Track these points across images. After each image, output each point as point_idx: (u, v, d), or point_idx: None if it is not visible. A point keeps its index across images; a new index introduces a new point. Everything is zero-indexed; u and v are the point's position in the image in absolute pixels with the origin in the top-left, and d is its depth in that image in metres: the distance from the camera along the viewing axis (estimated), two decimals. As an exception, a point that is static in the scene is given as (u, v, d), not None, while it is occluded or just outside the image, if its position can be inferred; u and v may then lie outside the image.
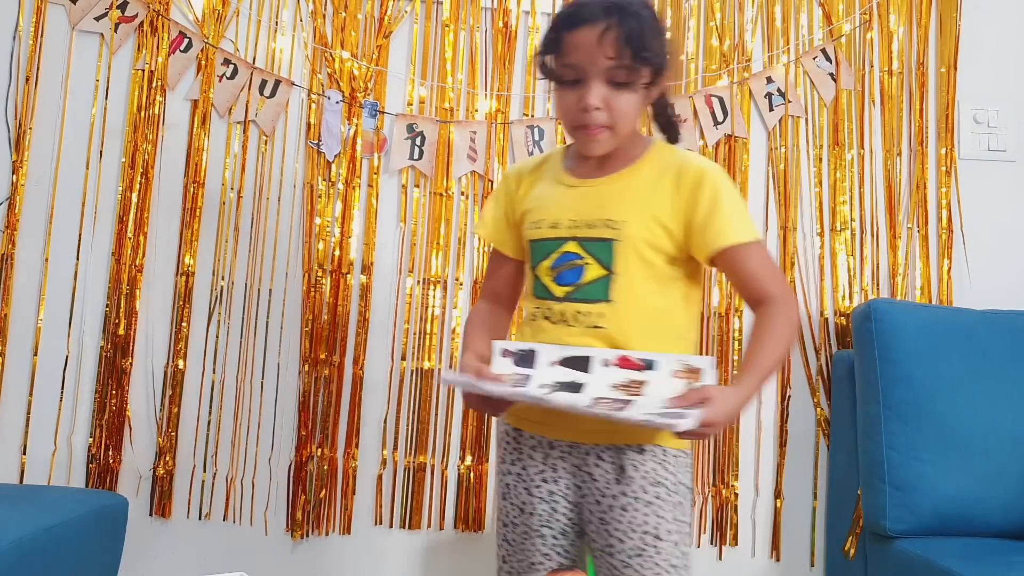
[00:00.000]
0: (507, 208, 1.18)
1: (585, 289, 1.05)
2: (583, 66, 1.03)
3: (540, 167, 1.18)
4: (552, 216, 1.09)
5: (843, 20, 1.85)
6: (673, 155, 1.11)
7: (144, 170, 1.72)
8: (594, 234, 1.06)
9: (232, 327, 1.72)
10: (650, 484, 1.03)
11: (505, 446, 1.13)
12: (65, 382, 1.68)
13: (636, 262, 1.05)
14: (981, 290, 1.80)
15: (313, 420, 1.71)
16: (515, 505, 1.10)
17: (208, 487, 1.69)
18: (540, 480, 1.08)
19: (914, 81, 1.85)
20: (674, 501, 1.04)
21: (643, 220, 1.05)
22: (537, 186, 1.15)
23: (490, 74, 1.80)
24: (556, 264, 1.07)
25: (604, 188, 1.08)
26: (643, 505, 1.02)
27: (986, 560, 1.36)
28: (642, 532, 1.02)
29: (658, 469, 1.04)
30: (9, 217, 1.69)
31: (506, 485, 1.12)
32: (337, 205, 1.75)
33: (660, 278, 1.06)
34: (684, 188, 1.05)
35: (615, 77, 1.02)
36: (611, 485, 1.04)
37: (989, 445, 1.53)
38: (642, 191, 1.07)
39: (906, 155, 1.84)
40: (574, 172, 1.12)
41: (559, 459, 1.08)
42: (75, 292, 1.70)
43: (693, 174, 1.06)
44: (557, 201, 1.11)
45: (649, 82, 1.06)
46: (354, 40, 1.78)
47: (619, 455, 1.04)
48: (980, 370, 1.57)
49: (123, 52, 1.74)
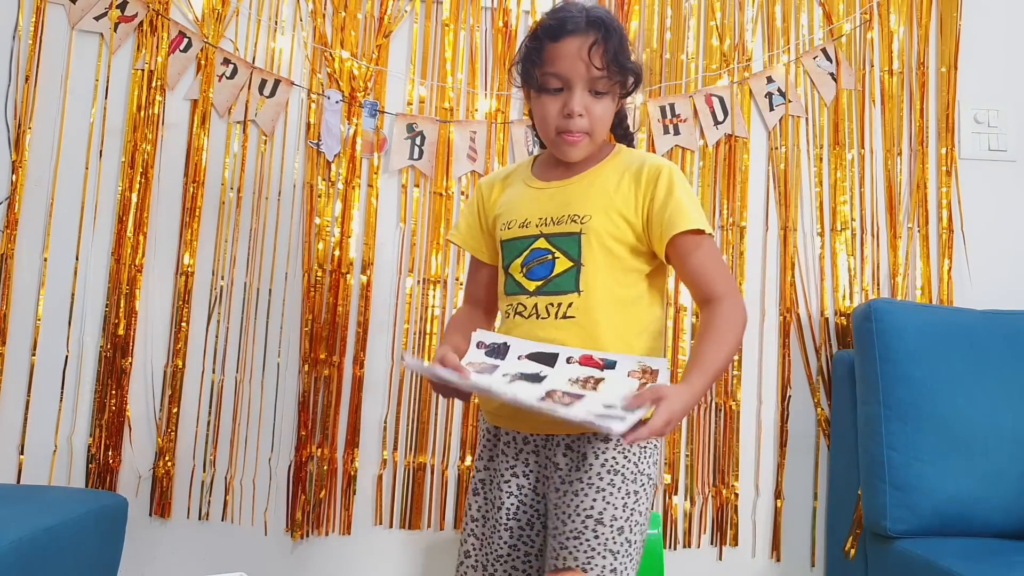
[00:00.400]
0: (480, 215, 1.24)
1: (555, 281, 1.10)
2: (567, 75, 1.09)
3: (509, 176, 1.25)
4: (521, 216, 1.15)
5: (843, 20, 1.85)
6: (632, 155, 1.18)
7: (144, 170, 1.72)
8: (561, 229, 1.11)
9: (232, 327, 1.72)
10: (607, 471, 1.06)
11: (482, 447, 1.18)
12: (65, 382, 1.68)
13: (601, 254, 1.10)
14: (981, 290, 1.80)
15: (313, 420, 1.71)
16: (486, 500, 1.15)
17: (208, 487, 1.69)
18: (510, 475, 1.13)
19: (914, 81, 1.85)
20: (629, 489, 1.06)
21: (606, 213, 1.10)
22: (507, 192, 1.22)
23: (490, 74, 1.80)
24: (527, 261, 1.12)
25: (570, 188, 1.15)
26: (594, 491, 1.05)
27: (986, 560, 1.36)
28: (584, 516, 1.04)
29: (618, 458, 1.07)
30: (9, 217, 1.69)
31: (479, 482, 1.17)
32: (337, 205, 1.75)
33: (625, 269, 1.11)
34: (643, 182, 1.11)
35: (597, 87, 1.09)
36: (571, 472, 1.07)
37: (989, 445, 1.53)
38: (605, 188, 1.13)
39: (906, 155, 1.84)
40: (542, 176, 1.19)
41: (530, 454, 1.12)
42: (75, 292, 1.70)
43: (651, 169, 1.12)
44: (526, 203, 1.17)
45: (623, 93, 1.13)
46: (354, 40, 1.77)
47: (584, 444, 1.08)
48: (980, 370, 1.57)
49: (123, 52, 1.74)
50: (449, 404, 1.74)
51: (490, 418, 1.18)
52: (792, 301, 1.80)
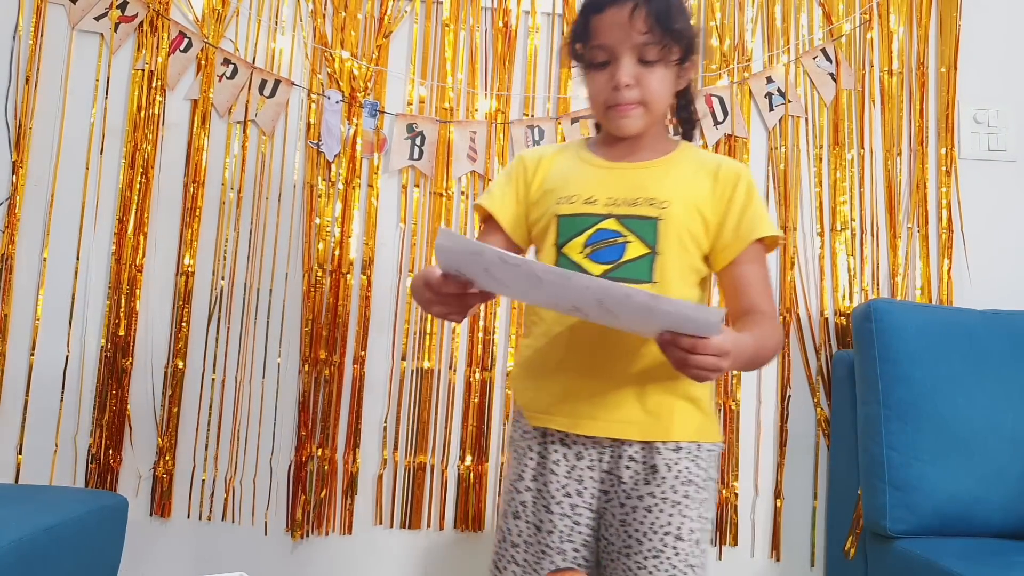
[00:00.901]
0: (519, 185, 1.13)
1: (627, 267, 1.01)
2: (613, 45, 1.02)
3: (560, 152, 1.15)
4: (586, 192, 1.05)
5: (843, 20, 1.85)
6: (705, 154, 1.12)
7: (144, 170, 1.72)
8: (636, 212, 1.03)
9: (232, 327, 1.72)
10: (681, 483, 1.01)
11: (524, 462, 1.07)
12: (65, 382, 1.68)
13: (677, 245, 1.02)
14: (981, 290, 1.80)
15: (313, 420, 1.71)
16: (530, 524, 1.04)
17: (208, 487, 1.69)
18: (562, 495, 1.04)
19: (914, 81, 1.85)
20: (701, 498, 1.02)
21: (685, 204, 1.03)
22: (559, 165, 1.12)
23: (490, 74, 1.80)
24: (592, 241, 1.03)
25: (642, 171, 1.07)
26: (669, 506, 1.00)
27: (986, 560, 1.36)
28: (663, 533, 0.99)
29: (691, 467, 1.02)
30: (9, 217, 1.69)
31: (521, 503, 1.05)
32: (337, 205, 1.75)
33: (692, 268, 1.05)
34: (720, 180, 1.05)
35: (645, 54, 1.02)
36: (639, 486, 1.01)
37: (989, 445, 1.53)
38: (684, 178, 1.06)
39: (906, 155, 1.84)
40: (604, 157, 1.10)
41: (586, 469, 1.03)
42: (75, 292, 1.70)
43: (729, 170, 1.07)
44: (589, 179, 1.07)
45: (679, 60, 1.05)
46: (354, 40, 1.77)
47: (652, 454, 1.01)
48: (980, 370, 1.57)
49: (123, 52, 1.74)
50: (449, 404, 1.74)
51: (535, 418, 1.06)
52: (792, 301, 1.80)
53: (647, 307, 0.82)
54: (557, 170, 1.11)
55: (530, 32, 1.81)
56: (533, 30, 1.81)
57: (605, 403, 1.01)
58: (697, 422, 1.04)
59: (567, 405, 1.03)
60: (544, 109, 1.81)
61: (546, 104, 1.80)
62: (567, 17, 1.81)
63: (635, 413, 1.00)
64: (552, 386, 1.04)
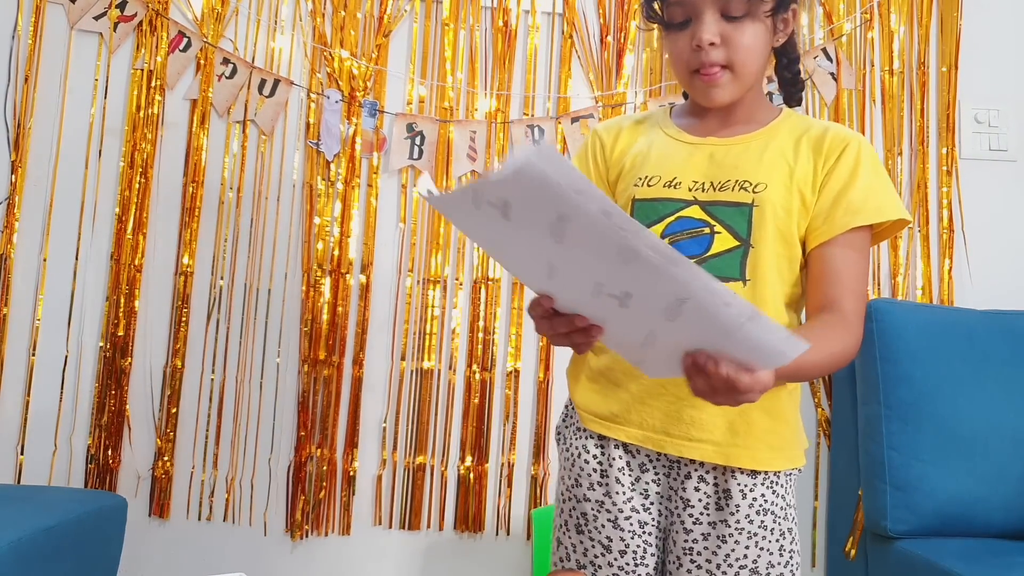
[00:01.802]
0: (596, 163, 1.01)
1: (713, 263, 0.89)
2: (692, 1, 0.89)
3: (641, 123, 1.02)
4: (668, 173, 0.93)
5: (844, 19, 1.85)
6: (812, 121, 0.96)
7: (143, 170, 1.72)
8: (725, 198, 0.90)
9: (231, 327, 1.72)
10: (756, 512, 0.90)
11: (583, 468, 0.95)
12: (64, 382, 1.68)
13: (774, 236, 0.89)
14: (982, 290, 1.80)
15: (312, 420, 1.71)
16: (597, 541, 0.93)
17: (207, 487, 1.69)
18: (630, 510, 0.92)
19: (915, 80, 1.85)
20: (782, 529, 0.91)
21: (785, 185, 0.90)
22: (639, 140, 0.99)
23: (490, 73, 1.79)
24: (671, 230, 0.91)
25: (734, 148, 0.93)
26: (746, 537, 0.89)
27: (987, 561, 1.36)
28: (738, 567, 0.89)
29: (767, 495, 0.90)
30: (8, 217, 1.68)
31: (582, 515, 0.94)
32: (336, 205, 1.75)
33: (793, 260, 0.91)
34: (824, 150, 0.91)
35: (730, 8, 0.88)
36: (709, 511, 0.90)
37: (990, 445, 1.52)
38: (782, 153, 0.92)
39: (907, 154, 1.84)
40: (691, 130, 0.97)
41: (651, 483, 0.93)
42: (74, 292, 1.69)
43: (837, 137, 0.91)
44: (673, 158, 0.94)
45: (771, 11, 0.91)
46: (353, 39, 1.77)
47: (726, 477, 0.90)
48: (981, 370, 1.56)
49: (122, 51, 1.74)
50: (449, 404, 1.74)
51: (602, 424, 0.94)
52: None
53: (734, 325, 0.66)
54: (637, 146, 0.98)
55: (530, 31, 1.81)
56: (533, 29, 1.80)
57: (681, 419, 0.90)
58: (782, 444, 0.93)
59: (636, 416, 0.92)
60: (544, 108, 1.80)
61: (546, 103, 1.80)
62: (567, 16, 1.80)
63: (714, 432, 0.89)
64: (620, 393, 0.93)
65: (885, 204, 0.89)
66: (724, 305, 0.64)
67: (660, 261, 0.63)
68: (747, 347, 0.68)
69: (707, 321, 0.66)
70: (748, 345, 0.68)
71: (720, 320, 0.66)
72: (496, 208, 0.63)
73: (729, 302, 0.64)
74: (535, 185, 0.59)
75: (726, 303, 0.64)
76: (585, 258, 0.66)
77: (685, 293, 0.65)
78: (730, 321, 0.65)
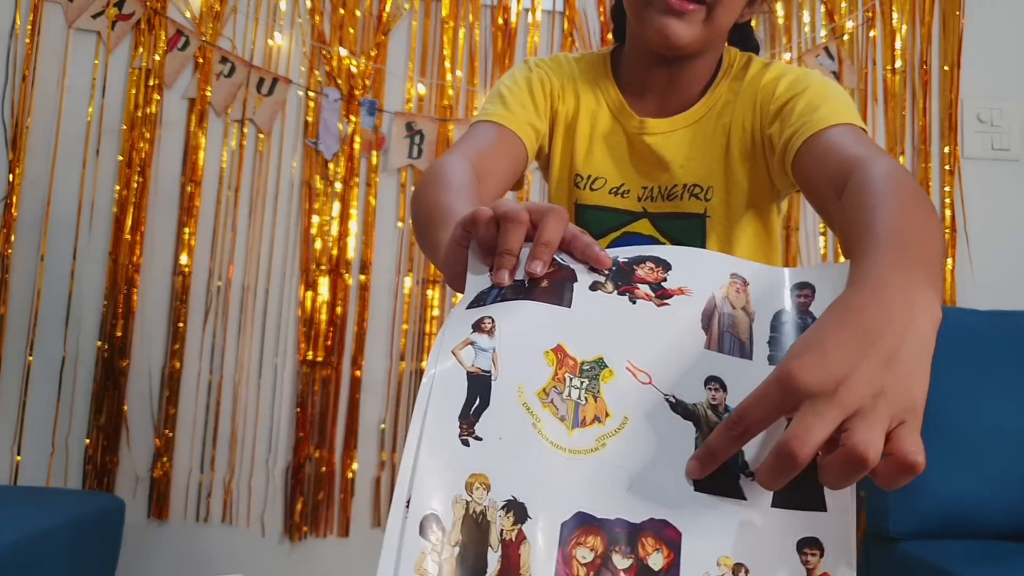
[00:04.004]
0: (539, 99, 0.84)
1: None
2: None
3: (585, 77, 0.86)
4: (615, 176, 0.82)
5: (846, 18, 1.84)
6: (747, 58, 0.84)
7: (141, 169, 1.71)
8: (675, 208, 0.78)
9: (229, 327, 1.71)
10: None
11: None
12: (62, 383, 1.67)
13: (740, 239, 0.78)
14: (984, 290, 1.79)
15: (311, 422, 1.70)
16: None
17: (205, 489, 1.68)
18: None
19: (917, 79, 1.84)
20: None
21: (738, 165, 0.78)
22: (583, 105, 0.84)
23: (490, 72, 1.79)
24: (617, 246, 0.72)
25: (676, 135, 0.81)
26: None
27: (990, 562, 1.35)
28: None
29: None
30: (5, 216, 1.68)
31: None
32: (335, 204, 1.74)
33: (772, 248, 0.81)
34: (763, 94, 0.79)
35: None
36: None
37: (993, 446, 1.51)
38: (726, 127, 0.80)
39: (909, 154, 1.83)
40: (633, 100, 0.83)
41: None
42: (72, 292, 1.69)
43: (772, 75, 0.80)
44: (618, 150, 0.82)
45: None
46: (352, 37, 1.76)
47: None
48: (984, 371, 1.56)
49: (120, 50, 1.73)
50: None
51: None
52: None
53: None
54: (583, 119, 0.84)
55: (530, 30, 1.80)
56: (533, 27, 1.80)
57: None
58: None
59: None
60: (544, 108, 1.79)
61: (546, 102, 1.79)
62: (567, 14, 1.79)
63: None
64: None
65: (842, 109, 0.73)
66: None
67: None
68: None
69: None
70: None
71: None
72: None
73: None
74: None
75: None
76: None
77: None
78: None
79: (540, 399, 0.49)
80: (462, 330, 0.51)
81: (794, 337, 0.50)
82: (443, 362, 0.50)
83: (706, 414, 0.50)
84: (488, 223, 0.51)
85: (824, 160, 0.68)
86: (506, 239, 0.51)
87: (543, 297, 0.52)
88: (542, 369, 0.50)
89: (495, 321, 0.51)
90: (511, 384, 0.50)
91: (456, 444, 0.49)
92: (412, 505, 0.46)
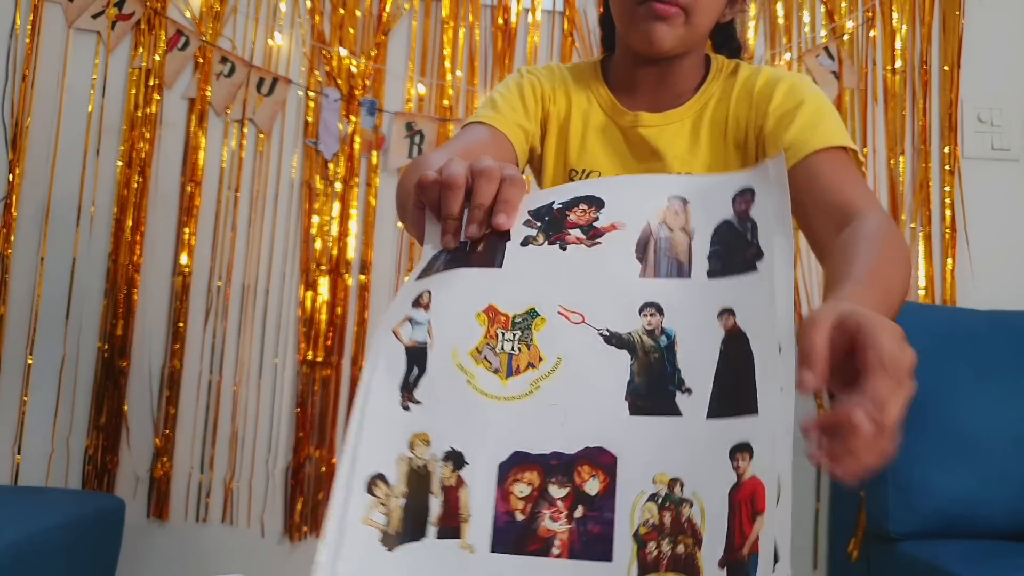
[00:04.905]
0: (531, 103, 0.89)
1: None
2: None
3: (576, 80, 0.91)
4: (609, 169, 0.87)
5: (846, 18, 1.84)
6: (735, 64, 0.89)
7: (141, 169, 1.71)
8: None
9: (229, 327, 1.71)
10: None
11: None
12: (62, 383, 1.67)
13: None
14: (985, 290, 1.79)
15: (311, 422, 1.70)
16: None
17: (205, 489, 1.68)
18: None
19: (917, 79, 1.84)
20: None
21: (732, 157, 0.83)
22: (575, 107, 0.89)
23: (490, 71, 1.79)
24: None
25: (673, 127, 0.84)
26: None
27: (990, 562, 1.35)
28: None
29: None
30: (5, 216, 1.68)
31: None
32: (335, 204, 1.74)
33: None
34: (757, 98, 0.84)
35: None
36: None
37: (993, 446, 1.51)
38: (719, 116, 0.84)
39: (909, 154, 1.83)
40: (624, 96, 0.88)
41: None
42: (72, 292, 1.69)
43: (769, 77, 0.84)
44: (613, 143, 0.86)
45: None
46: (352, 37, 1.76)
47: None
48: (984, 371, 1.55)
49: (120, 50, 1.73)
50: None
51: None
52: (794, 301, 1.78)
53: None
54: (575, 120, 0.89)
55: (530, 29, 1.80)
56: (533, 27, 1.80)
57: None
58: None
59: None
60: (544, 108, 1.79)
61: (546, 102, 1.79)
62: (568, 14, 1.79)
63: None
64: None
65: (832, 134, 0.78)
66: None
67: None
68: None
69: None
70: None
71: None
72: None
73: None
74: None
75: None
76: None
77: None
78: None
79: (473, 358, 0.54)
80: (403, 309, 0.56)
81: (736, 248, 0.53)
82: (384, 341, 0.55)
83: (641, 340, 0.52)
84: (432, 186, 0.55)
85: (824, 189, 0.75)
86: (446, 204, 0.54)
87: (477, 261, 0.56)
88: (474, 330, 0.54)
89: (431, 294, 0.55)
90: (446, 349, 0.54)
91: (398, 411, 0.53)
92: (358, 468, 0.51)
